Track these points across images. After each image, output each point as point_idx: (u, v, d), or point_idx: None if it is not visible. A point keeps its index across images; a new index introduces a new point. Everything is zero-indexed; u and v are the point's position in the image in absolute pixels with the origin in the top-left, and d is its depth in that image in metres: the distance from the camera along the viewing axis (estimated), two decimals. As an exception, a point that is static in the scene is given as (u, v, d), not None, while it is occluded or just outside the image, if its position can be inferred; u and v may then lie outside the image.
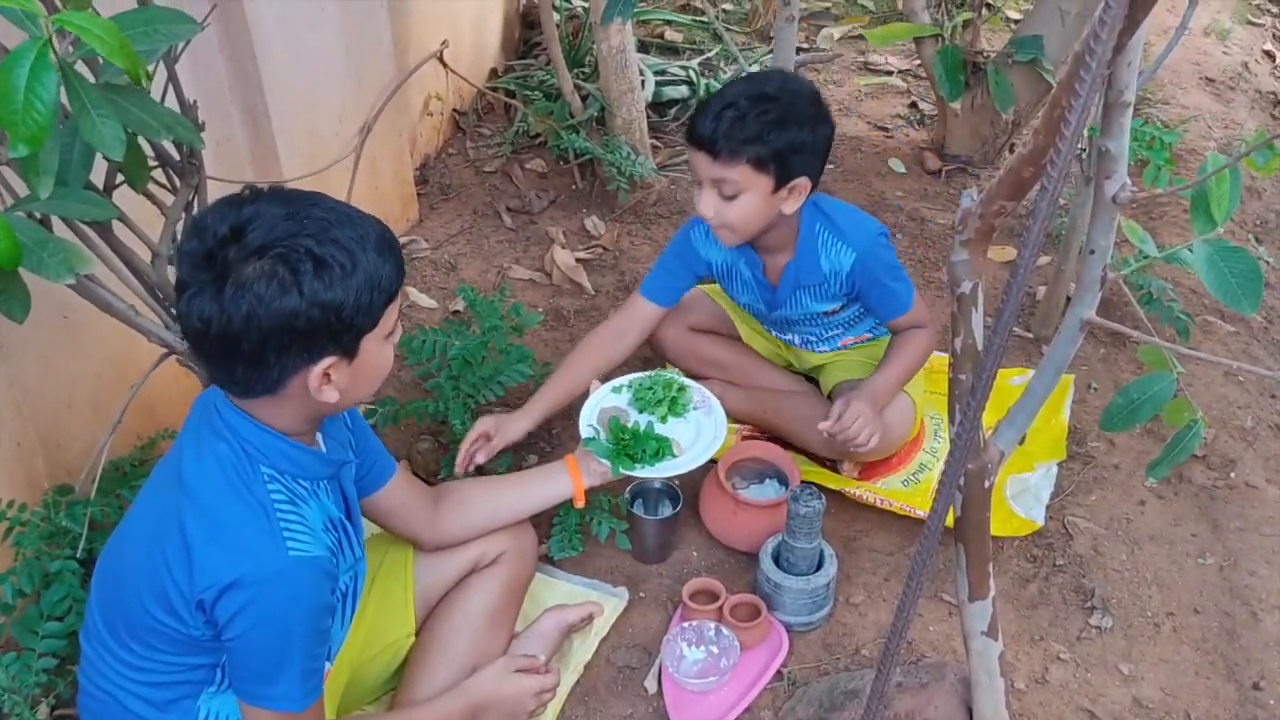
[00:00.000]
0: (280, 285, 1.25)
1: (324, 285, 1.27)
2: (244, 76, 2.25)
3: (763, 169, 1.96)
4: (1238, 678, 1.98)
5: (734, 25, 4.22)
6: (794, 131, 1.94)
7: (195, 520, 1.33)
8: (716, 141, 1.94)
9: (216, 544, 1.32)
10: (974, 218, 1.21)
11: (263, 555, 1.32)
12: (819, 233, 2.11)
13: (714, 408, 2.08)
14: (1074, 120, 0.89)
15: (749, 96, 1.94)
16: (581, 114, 3.22)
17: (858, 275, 2.12)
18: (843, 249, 2.11)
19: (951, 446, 1.18)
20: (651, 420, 2.04)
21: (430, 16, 3.12)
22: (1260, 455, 2.45)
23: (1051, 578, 2.14)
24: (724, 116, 1.92)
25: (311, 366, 1.32)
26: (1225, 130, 3.76)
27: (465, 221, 3.11)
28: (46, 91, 1.12)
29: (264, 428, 1.38)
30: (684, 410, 2.07)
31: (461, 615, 1.80)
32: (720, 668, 1.91)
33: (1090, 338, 2.73)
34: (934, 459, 2.35)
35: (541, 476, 1.93)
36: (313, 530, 1.38)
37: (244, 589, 1.31)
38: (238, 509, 1.34)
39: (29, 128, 1.12)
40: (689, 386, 2.10)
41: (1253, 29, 4.65)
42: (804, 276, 2.16)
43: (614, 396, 2.09)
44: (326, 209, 1.32)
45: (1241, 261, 1.13)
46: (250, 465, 1.37)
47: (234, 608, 1.31)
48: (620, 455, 1.92)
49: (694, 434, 2.03)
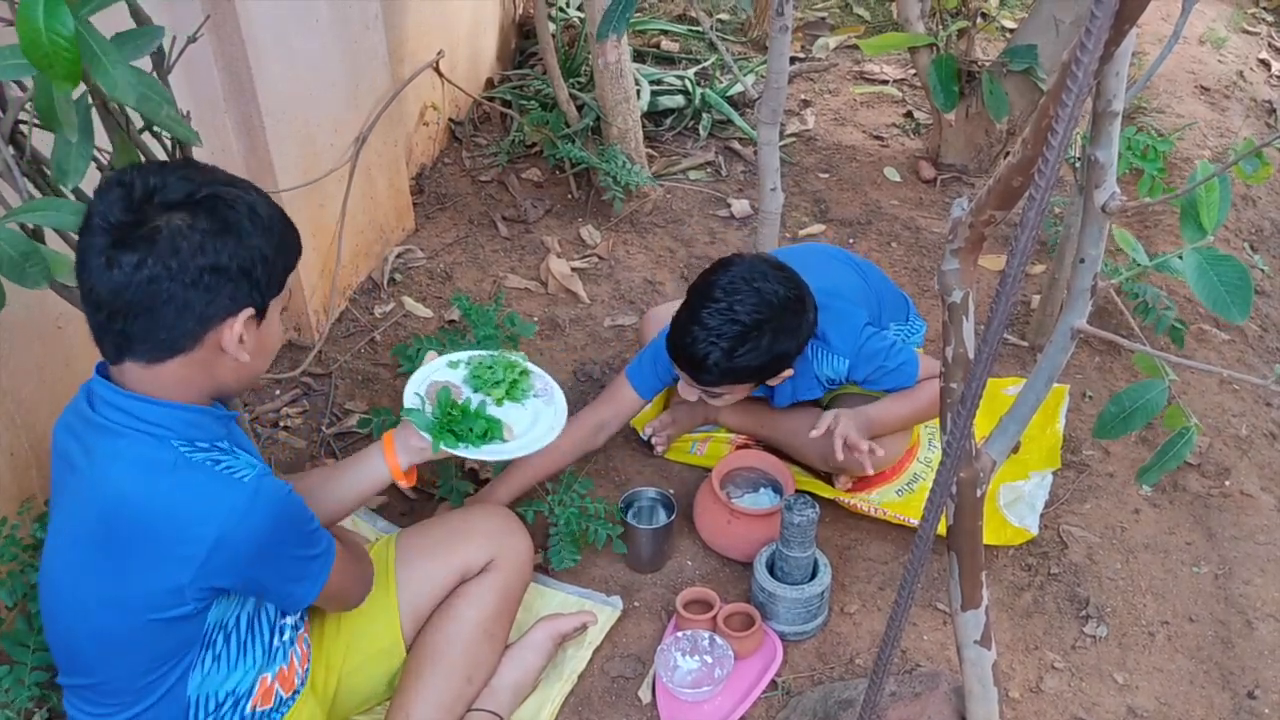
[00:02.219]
0: (191, 242, 1.28)
1: (235, 240, 1.31)
2: (238, 87, 2.25)
3: (747, 381, 2.06)
4: (1232, 686, 1.97)
5: (729, 35, 4.23)
6: (778, 349, 2.00)
7: (142, 519, 1.33)
8: (701, 375, 2.01)
9: (181, 525, 1.33)
10: (965, 227, 1.21)
11: (225, 502, 1.34)
12: (812, 354, 2.14)
13: (555, 397, 1.90)
14: (1061, 129, 0.89)
15: (731, 336, 1.96)
16: (577, 123, 3.23)
17: (855, 372, 2.15)
18: (835, 359, 2.14)
19: (943, 454, 1.18)
20: (486, 400, 1.86)
21: (426, 27, 3.12)
22: (1255, 463, 2.45)
23: (1046, 586, 2.14)
24: (710, 354, 1.97)
25: (232, 318, 1.34)
26: (1220, 139, 3.77)
27: (461, 231, 3.11)
28: (64, 26, 1.15)
29: (161, 404, 1.37)
30: (523, 396, 1.89)
31: (455, 626, 1.79)
32: (714, 677, 1.90)
33: (1085, 347, 2.73)
34: (928, 469, 2.35)
35: (355, 463, 1.77)
36: (246, 460, 1.41)
37: (227, 543, 1.33)
38: (178, 486, 1.34)
39: (62, 64, 1.16)
40: (532, 372, 1.93)
41: (1248, 37, 4.66)
42: (801, 392, 2.20)
43: (449, 371, 1.90)
44: (230, 180, 1.37)
45: (1231, 270, 1.13)
46: (163, 445, 1.36)
47: (229, 562, 1.35)
48: (443, 431, 1.73)
49: (530, 422, 1.85)
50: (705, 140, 3.57)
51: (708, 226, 3.19)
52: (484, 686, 1.84)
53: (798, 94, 3.86)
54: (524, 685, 1.88)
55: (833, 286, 2.16)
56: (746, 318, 1.95)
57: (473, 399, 1.83)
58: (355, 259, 2.82)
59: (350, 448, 2.41)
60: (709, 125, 3.61)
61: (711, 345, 1.95)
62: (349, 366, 2.63)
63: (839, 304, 2.15)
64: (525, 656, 1.90)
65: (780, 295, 1.99)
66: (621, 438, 2.46)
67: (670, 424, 2.39)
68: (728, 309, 1.96)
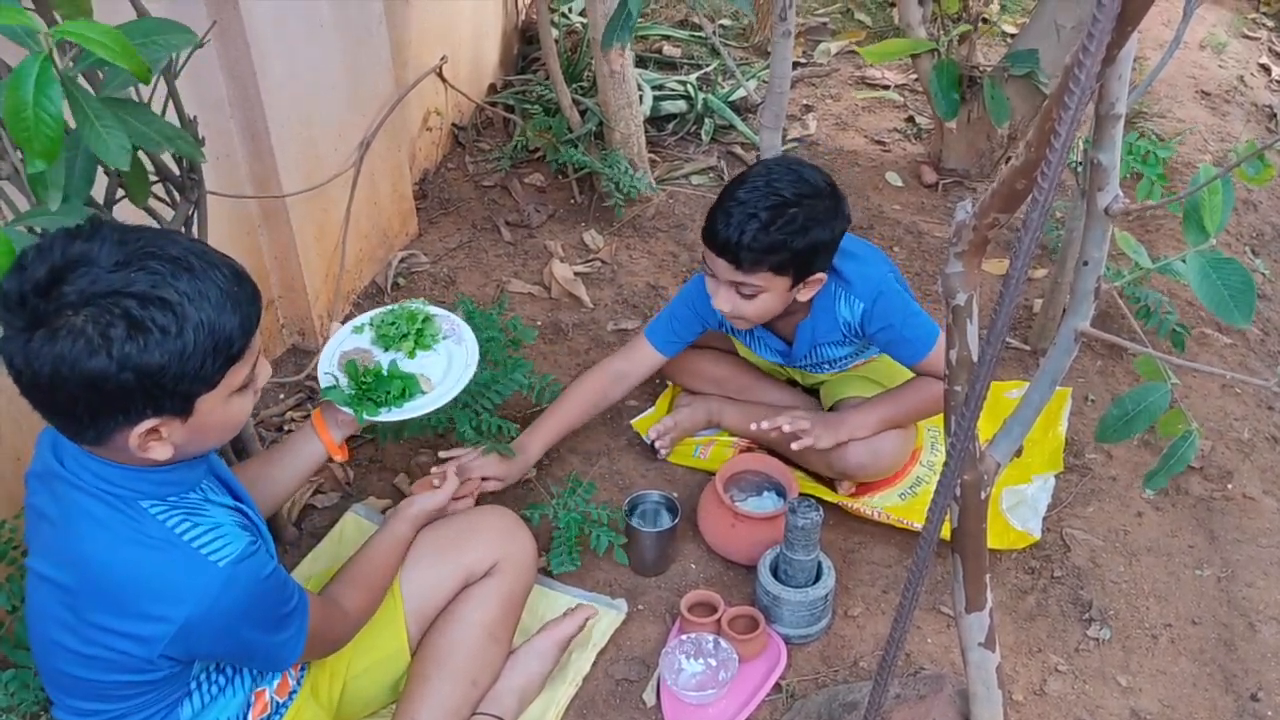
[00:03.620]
0: (88, 346, 1.16)
1: (138, 349, 1.17)
2: (243, 93, 2.26)
3: (783, 272, 1.97)
4: (1236, 689, 1.98)
5: (731, 40, 4.23)
6: (815, 233, 1.94)
7: (111, 591, 1.29)
8: (738, 252, 1.94)
9: (148, 602, 1.28)
10: (968, 230, 1.22)
11: (197, 586, 1.28)
12: (833, 291, 2.11)
13: (464, 335, 1.88)
14: (1064, 132, 0.89)
15: (769, 206, 1.92)
16: (580, 129, 3.24)
17: (868, 323, 2.11)
18: (854, 301, 2.11)
19: (947, 457, 1.18)
20: (397, 358, 1.85)
21: (429, 32, 3.13)
22: (1257, 467, 2.46)
23: (1049, 589, 2.14)
24: (746, 227, 1.91)
25: (130, 428, 1.24)
26: (1221, 143, 3.77)
27: (464, 235, 3.12)
28: (53, 104, 1.13)
29: (124, 467, 1.30)
30: (432, 342, 1.87)
31: (459, 630, 1.79)
32: (719, 680, 1.91)
33: (1088, 350, 2.73)
34: (930, 473, 2.35)
35: (290, 444, 1.78)
36: (224, 528, 1.33)
37: (197, 625, 1.28)
38: (148, 560, 1.29)
39: (42, 141, 1.13)
40: (434, 315, 1.90)
41: (1249, 42, 4.67)
42: (821, 334, 2.17)
43: (355, 338, 1.89)
44: (167, 258, 1.20)
45: (1234, 273, 1.14)
46: (131, 508, 1.30)
47: (198, 640, 1.30)
48: (363, 401, 1.74)
49: (445, 366, 1.85)
50: (707, 145, 3.58)
51: (710, 231, 3.20)
52: (488, 690, 1.84)
53: (800, 99, 3.87)
54: (528, 689, 1.88)
55: (854, 245, 2.16)
56: (785, 191, 1.93)
57: (383, 359, 1.84)
58: (359, 263, 2.82)
59: (354, 451, 2.42)
60: (711, 130, 3.61)
61: (749, 218, 1.91)
62: (353, 371, 2.63)
63: (863, 252, 2.15)
64: (529, 661, 1.90)
65: (816, 179, 1.98)
66: (625, 440, 2.47)
67: (673, 427, 2.39)
68: (765, 184, 1.95)
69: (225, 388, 1.29)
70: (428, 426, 2.24)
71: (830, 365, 2.31)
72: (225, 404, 1.31)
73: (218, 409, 1.30)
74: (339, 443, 1.76)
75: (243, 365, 1.31)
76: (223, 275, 1.25)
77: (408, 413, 1.76)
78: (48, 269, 1.17)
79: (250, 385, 1.35)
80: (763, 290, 1.99)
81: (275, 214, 2.45)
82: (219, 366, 1.26)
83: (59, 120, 1.13)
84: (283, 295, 2.60)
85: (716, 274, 2.02)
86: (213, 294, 1.22)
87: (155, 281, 1.18)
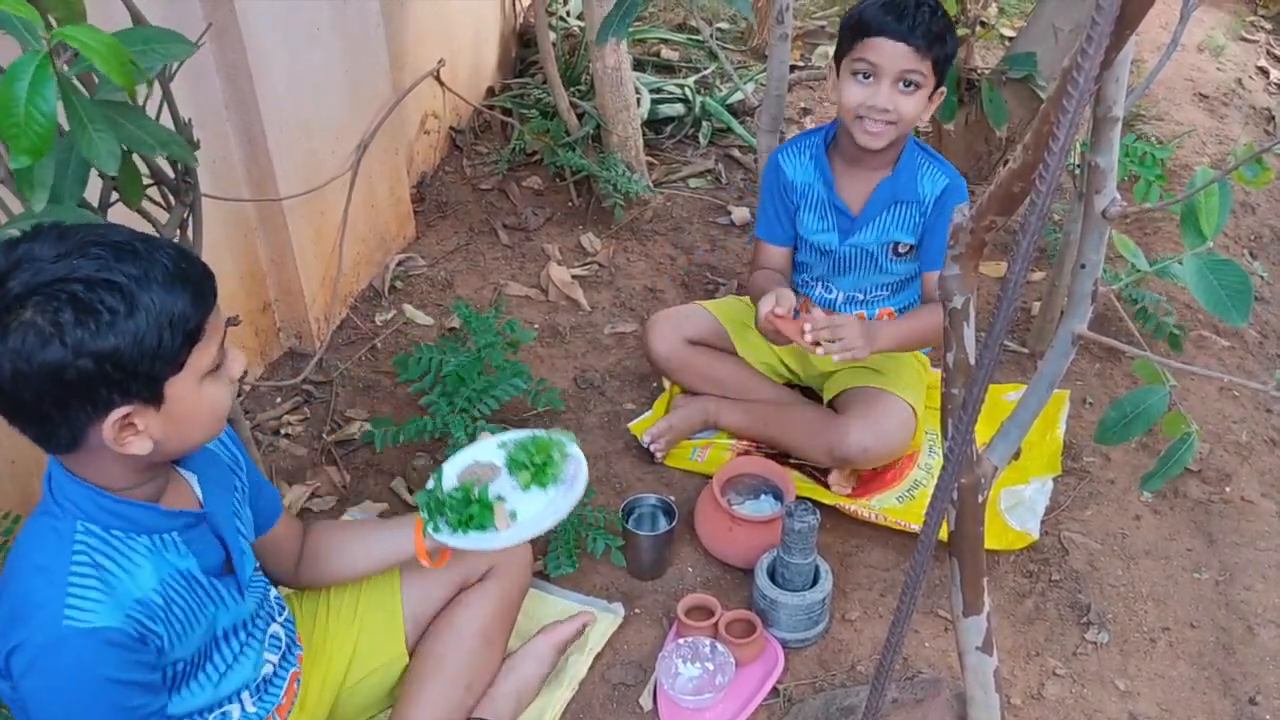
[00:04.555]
0: (40, 337, 1.14)
1: (90, 333, 1.15)
2: (240, 95, 2.25)
3: (936, 69, 2.08)
4: (1234, 692, 1.97)
5: (729, 44, 4.24)
6: (951, 40, 2.07)
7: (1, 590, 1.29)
8: (917, 32, 2.02)
9: (5, 609, 1.26)
10: (965, 232, 1.21)
11: (39, 622, 1.23)
12: (919, 157, 2.22)
13: (575, 487, 1.77)
14: (1062, 135, 0.89)
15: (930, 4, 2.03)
16: (578, 131, 3.24)
17: (942, 205, 2.19)
18: (937, 175, 2.20)
19: (945, 460, 1.18)
20: (512, 484, 1.78)
21: (427, 35, 3.13)
22: (1255, 470, 2.45)
23: (1047, 593, 2.14)
24: (921, 11, 2.01)
25: (101, 419, 1.21)
26: (1219, 146, 3.77)
27: (462, 239, 3.12)
28: (46, 104, 1.12)
29: (85, 484, 1.28)
30: (549, 482, 1.78)
31: (454, 634, 1.79)
32: (716, 684, 1.90)
33: (1085, 353, 2.73)
34: (929, 475, 2.35)
35: (387, 530, 1.77)
36: (112, 598, 1.27)
37: (23, 654, 1.24)
38: (29, 575, 1.27)
39: (30, 139, 1.12)
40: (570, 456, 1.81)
41: (1246, 45, 4.68)
42: (901, 192, 2.21)
43: (495, 451, 1.84)
44: (108, 244, 1.19)
45: (1231, 274, 1.14)
46: (64, 526, 1.28)
47: (18, 673, 1.25)
48: (439, 511, 1.70)
49: (538, 511, 1.75)
50: (705, 148, 3.58)
51: (708, 234, 3.20)
52: (484, 694, 1.83)
53: (797, 102, 3.87)
54: (525, 694, 1.88)
55: None
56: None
57: (504, 481, 1.78)
58: (356, 266, 2.82)
59: (351, 455, 2.41)
60: (709, 133, 3.61)
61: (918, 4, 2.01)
62: (350, 374, 2.63)
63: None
64: (526, 665, 1.89)
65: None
66: (623, 443, 2.46)
67: (669, 430, 2.39)
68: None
69: (193, 371, 1.26)
70: (424, 431, 2.23)
71: (872, 276, 2.32)
72: (198, 390, 1.27)
73: (190, 394, 1.26)
74: (429, 549, 1.71)
75: (207, 344, 1.27)
76: (168, 255, 1.22)
77: (463, 542, 1.68)
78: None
79: (222, 370, 1.32)
80: (920, 87, 2.08)
81: (272, 217, 2.45)
82: (179, 345, 1.22)
83: (51, 119, 1.12)
84: (279, 298, 2.59)
85: (883, 65, 2.06)
86: (158, 274, 1.20)
87: (99, 266, 1.17)
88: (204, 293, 1.25)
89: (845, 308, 2.37)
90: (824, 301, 2.39)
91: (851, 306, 2.36)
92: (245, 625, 1.50)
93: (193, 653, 1.40)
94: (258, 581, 1.56)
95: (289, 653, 1.62)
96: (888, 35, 2.03)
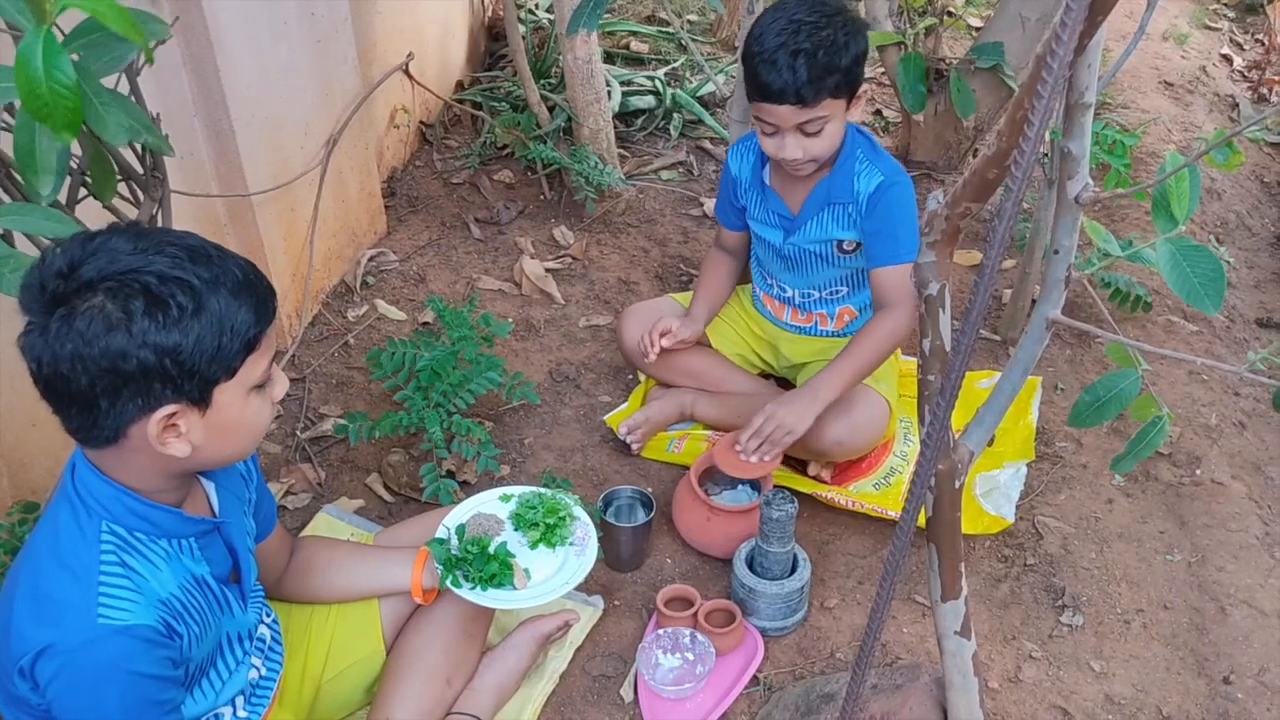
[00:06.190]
0: (106, 322, 1.16)
1: (157, 325, 1.17)
2: (207, 91, 2.23)
3: (840, 93, 2.02)
4: (1208, 672, 2.00)
5: (699, 36, 4.24)
6: (853, 45, 2.00)
7: (23, 585, 1.28)
8: (800, 90, 1.97)
9: (31, 609, 1.26)
10: (940, 220, 1.22)
11: (71, 623, 1.24)
12: (859, 151, 2.17)
13: (587, 550, 1.81)
14: (1037, 121, 0.90)
15: (807, 37, 1.96)
16: (548, 125, 3.23)
17: (875, 201, 2.14)
18: (873, 172, 2.15)
19: (922, 447, 1.19)
20: (520, 541, 1.81)
21: (395, 30, 3.11)
22: (1225, 452, 2.48)
23: (1022, 577, 2.16)
24: (796, 65, 1.95)
25: (149, 414, 1.22)
26: (1184, 133, 3.81)
27: (433, 233, 3.10)
28: (65, 74, 1.09)
29: (113, 484, 1.29)
30: (559, 543, 1.82)
31: (433, 628, 1.78)
32: (696, 674, 1.91)
33: (1056, 339, 2.76)
34: (904, 462, 2.36)
35: (385, 557, 1.78)
36: (144, 596, 1.28)
37: (54, 657, 1.24)
38: (55, 573, 1.26)
39: (63, 113, 1.10)
40: (577, 519, 1.85)
41: (1210, 33, 4.73)
42: (836, 192, 2.18)
43: (498, 504, 1.87)
44: (185, 246, 1.22)
45: (1204, 261, 1.15)
46: (89, 525, 1.28)
47: (47, 675, 1.25)
48: (456, 567, 1.72)
49: (552, 572, 1.78)
50: (677, 140, 3.58)
51: (681, 226, 3.20)
52: (464, 688, 1.83)
53: (767, 93, 3.87)
54: (505, 687, 1.87)
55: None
56: (810, 19, 1.98)
57: (510, 537, 1.81)
58: (327, 262, 2.80)
59: (325, 452, 2.40)
60: (680, 125, 3.61)
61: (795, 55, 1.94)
62: (323, 370, 2.61)
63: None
64: (507, 658, 1.89)
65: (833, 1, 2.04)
66: (599, 436, 2.46)
67: (645, 422, 2.39)
68: (789, 22, 1.98)
69: (243, 381, 1.28)
70: (399, 426, 2.22)
71: (822, 274, 2.31)
72: (244, 401, 1.29)
73: (236, 404, 1.28)
74: (426, 587, 1.74)
75: (260, 357, 1.29)
76: (239, 265, 1.26)
77: (486, 600, 1.70)
78: (67, 259, 1.18)
79: (267, 387, 1.34)
80: (827, 121, 2.03)
81: (242, 213, 2.43)
82: (235, 351, 1.25)
83: (75, 87, 1.09)
84: (251, 295, 2.57)
85: (779, 124, 2.04)
86: (228, 280, 1.23)
87: (174, 263, 1.19)
88: (266, 306, 1.28)
89: (807, 306, 2.38)
90: (783, 299, 2.40)
91: (811, 305, 2.37)
92: (250, 634, 1.51)
93: (202, 658, 1.41)
94: (257, 591, 1.57)
95: (272, 653, 1.62)
96: (770, 101, 2.01)
